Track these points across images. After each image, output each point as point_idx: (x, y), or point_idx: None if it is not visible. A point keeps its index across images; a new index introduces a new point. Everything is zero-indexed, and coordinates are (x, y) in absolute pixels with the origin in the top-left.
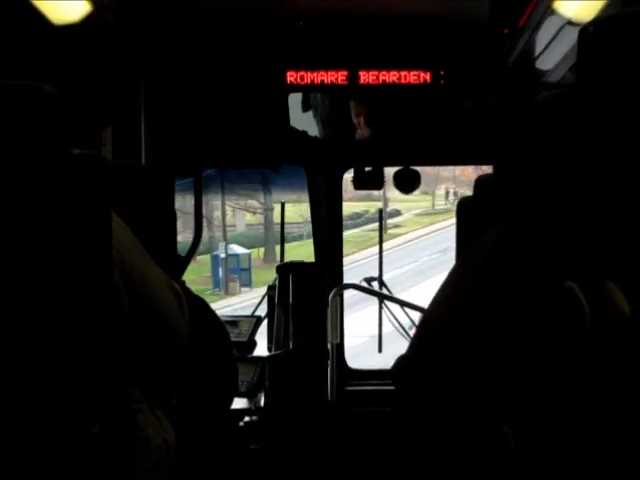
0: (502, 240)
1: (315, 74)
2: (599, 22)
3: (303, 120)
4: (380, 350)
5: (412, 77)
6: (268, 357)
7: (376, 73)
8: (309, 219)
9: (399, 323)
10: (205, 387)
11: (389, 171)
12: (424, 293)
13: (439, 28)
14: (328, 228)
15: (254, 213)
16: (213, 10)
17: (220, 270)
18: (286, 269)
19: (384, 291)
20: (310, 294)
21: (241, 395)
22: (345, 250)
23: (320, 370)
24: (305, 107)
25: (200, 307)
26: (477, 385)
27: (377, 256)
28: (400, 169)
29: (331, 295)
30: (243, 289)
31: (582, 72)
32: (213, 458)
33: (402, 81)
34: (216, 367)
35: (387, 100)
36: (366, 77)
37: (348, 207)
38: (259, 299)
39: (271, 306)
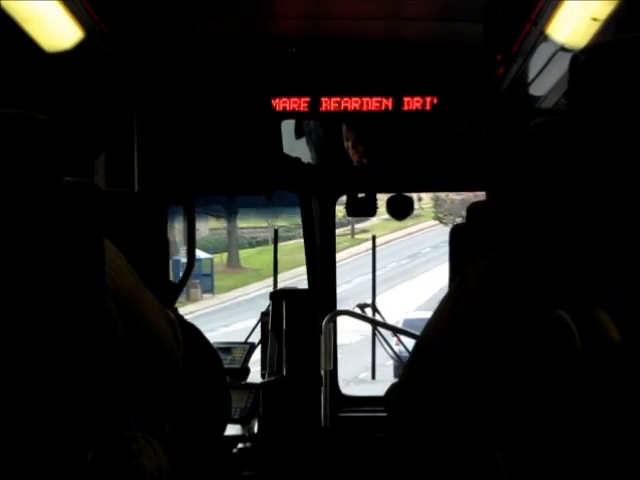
0: (495, 266)
1: (305, 101)
2: (590, 49)
3: (296, 147)
4: (374, 377)
5: (405, 103)
6: (262, 384)
7: (368, 100)
8: (275, 224)
9: (392, 349)
10: (198, 414)
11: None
12: (392, 301)
13: (433, 55)
14: (321, 254)
15: (217, 217)
16: (204, 38)
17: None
18: (280, 295)
19: (377, 317)
20: (304, 321)
21: (235, 422)
22: (301, 258)
23: (313, 396)
24: (298, 134)
25: (193, 334)
26: (469, 412)
27: (344, 262)
28: (393, 195)
29: (324, 321)
30: (205, 295)
31: (573, 99)
32: None
33: (396, 108)
34: (209, 394)
35: (380, 127)
36: (357, 104)
37: None
38: (221, 306)
39: (264, 333)
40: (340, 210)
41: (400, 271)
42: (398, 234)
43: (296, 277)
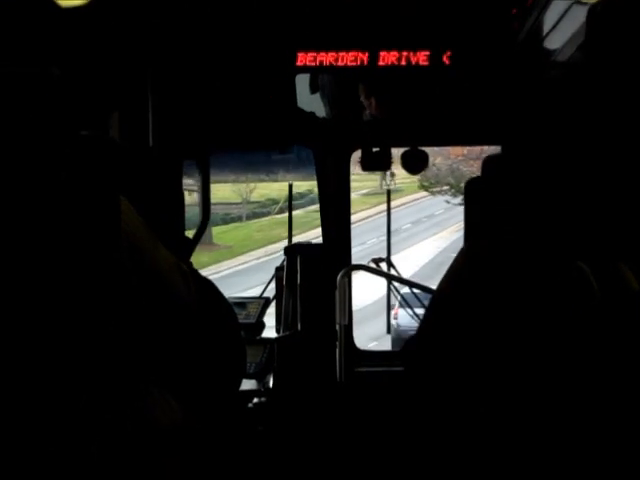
0: (511, 223)
1: (325, 55)
2: (607, 1)
3: (311, 101)
4: (389, 331)
5: (420, 57)
6: (276, 339)
7: (384, 54)
8: (249, 199)
9: (407, 303)
10: (213, 368)
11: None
12: (372, 279)
13: (447, 8)
14: (336, 208)
15: (190, 192)
16: None
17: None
18: (294, 251)
19: (392, 272)
20: (318, 275)
21: (249, 377)
22: (285, 232)
23: (328, 351)
24: (313, 89)
25: (208, 289)
26: (485, 366)
27: (320, 238)
28: (407, 150)
29: (339, 276)
30: None
31: (591, 50)
32: (222, 439)
33: (410, 62)
34: (224, 348)
35: (395, 80)
36: (374, 58)
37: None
38: None
39: (279, 288)
40: (316, 185)
41: (381, 247)
42: (378, 209)
43: (268, 255)
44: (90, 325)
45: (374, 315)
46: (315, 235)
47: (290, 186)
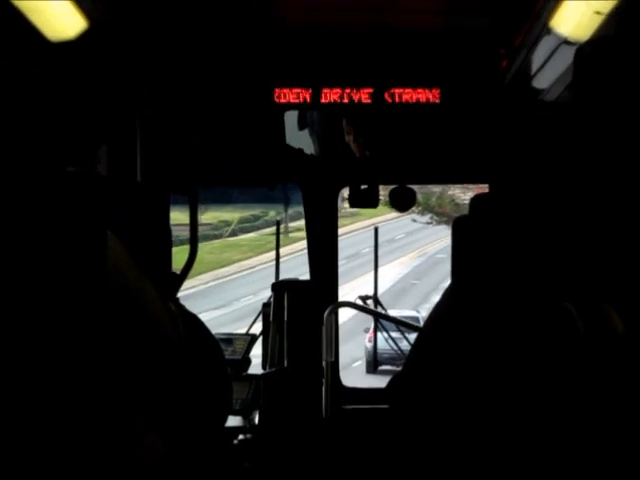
0: (497, 262)
1: (308, 92)
2: (595, 42)
3: (299, 138)
4: (375, 369)
5: (409, 95)
6: (263, 375)
7: (370, 91)
8: (200, 221)
9: (394, 341)
10: (199, 405)
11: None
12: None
13: (436, 48)
14: (323, 245)
15: None
16: (207, 30)
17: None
18: (281, 287)
19: (379, 310)
20: (305, 312)
21: (236, 413)
22: (239, 255)
23: (315, 388)
24: (301, 125)
25: (194, 325)
26: (471, 403)
27: (274, 262)
28: (395, 187)
29: (326, 313)
30: None
31: (578, 91)
32: (207, 476)
33: (397, 100)
34: (210, 384)
35: (383, 118)
36: (360, 95)
37: (246, 209)
38: None
39: (266, 324)
40: (271, 207)
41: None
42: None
43: (217, 279)
44: (75, 361)
45: (351, 333)
46: (267, 259)
47: (277, 222)
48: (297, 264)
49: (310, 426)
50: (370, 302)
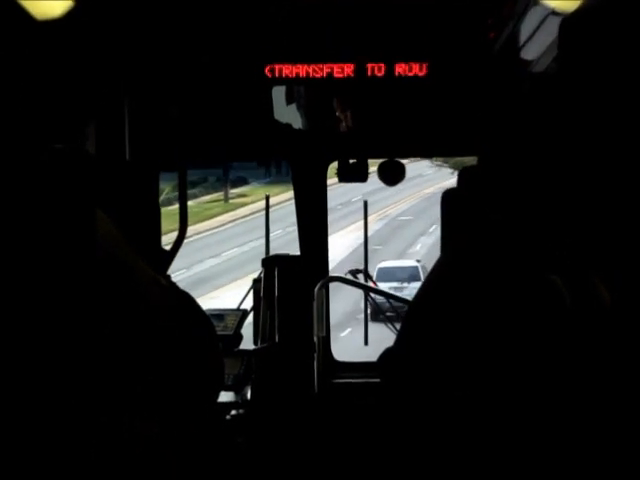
0: (486, 232)
1: (297, 67)
2: (579, 13)
3: (287, 113)
4: (366, 342)
5: (396, 69)
6: (254, 350)
7: (357, 65)
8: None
9: (384, 315)
10: (191, 381)
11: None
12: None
13: (424, 20)
14: (313, 220)
15: None
16: (197, 4)
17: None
18: (272, 262)
19: (369, 283)
20: (296, 287)
21: (228, 388)
22: (173, 225)
23: (306, 363)
24: (289, 100)
25: (186, 301)
26: (463, 378)
27: (210, 231)
28: (384, 161)
29: (317, 288)
30: None
31: (564, 62)
32: (199, 451)
33: (388, 73)
34: (201, 360)
35: (372, 92)
36: (348, 70)
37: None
38: None
39: (257, 299)
40: (209, 173)
41: (285, 240)
42: (281, 198)
43: None
44: (65, 340)
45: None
46: (204, 228)
47: (267, 197)
48: (238, 232)
49: (302, 400)
50: (360, 276)
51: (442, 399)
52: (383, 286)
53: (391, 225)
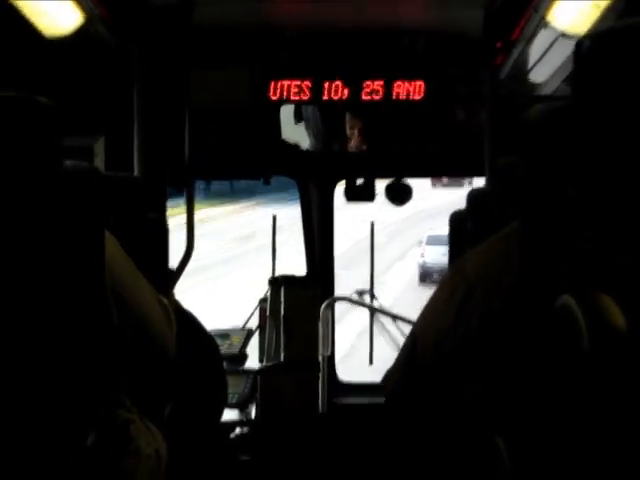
0: (495, 253)
1: (302, 86)
2: (595, 35)
3: (295, 132)
4: (371, 362)
5: (405, 90)
6: (259, 369)
7: (368, 86)
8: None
9: (390, 335)
10: (195, 399)
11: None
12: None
13: (432, 41)
14: (319, 240)
15: None
16: (204, 22)
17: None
18: (278, 282)
19: (375, 304)
20: (302, 307)
21: (232, 407)
22: None
23: (311, 382)
24: (297, 119)
25: (188, 321)
26: (469, 401)
27: None
28: (392, 182)
29: (322, 307)
30: None
31: (578, 85)
32: (204, 469)
33: (394, 95)
34: (205, 379)
35: (380, 113)
36: (357, 91)
37: None
38: None
39: (262, 318)
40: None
41: (229, 256)
42: (226, 209)
43: None
44: (73, 356)
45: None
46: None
47: (274, 218)
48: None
49: (307, 420)
50: (367, 296)
51: (449, 420)
52: (432, 250)
53: (355, 249)
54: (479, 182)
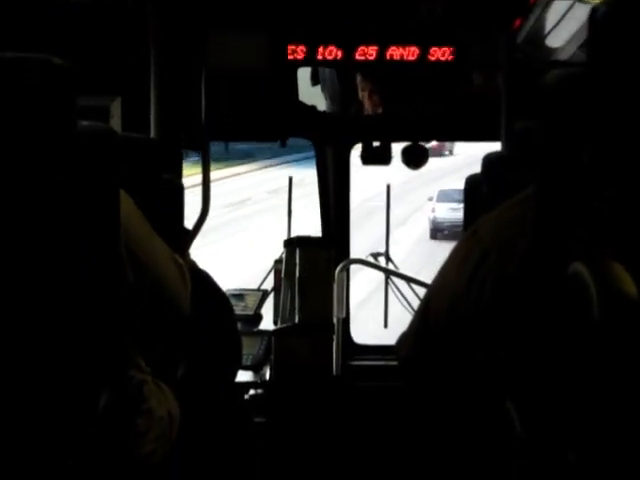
0: (508, 219)
1: (320, 49)
2: (611, 1)
3: (312, 94)
4: (386, 325)
5: (422, 54)
6: (274, 331)
7: (381, 48)
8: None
9: (405, 298)
10: (209, 360)
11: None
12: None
13: (450, 6)
14: (335, 202)
15: None
16: None
17: None
18: (293, 243)
19: (390, 266)
20: (317, 268)
21: (247, 368)
22: None
23: (325, 344)
24: (314, 81)
25: (204, 281)
26: (481, 366)
27: None
28: (408, 145)
29: (338, 270)
30: None
31: (593, 52)
32: (217, 430)
33: (410, 58)
34: (219, 340)
35: (395, 76)
36: (377, 53)
37: None
38: None
39: (277, 280)
40: None
41: (224, 220)
42: (223, 173)
43: None
44: (87, 317)
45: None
46: None
47: (290, 179)
48: None
49: (321, 382)
50: (382, 259)
51: (461, 384)
52: (442, 206)
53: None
54: (459, 152)
